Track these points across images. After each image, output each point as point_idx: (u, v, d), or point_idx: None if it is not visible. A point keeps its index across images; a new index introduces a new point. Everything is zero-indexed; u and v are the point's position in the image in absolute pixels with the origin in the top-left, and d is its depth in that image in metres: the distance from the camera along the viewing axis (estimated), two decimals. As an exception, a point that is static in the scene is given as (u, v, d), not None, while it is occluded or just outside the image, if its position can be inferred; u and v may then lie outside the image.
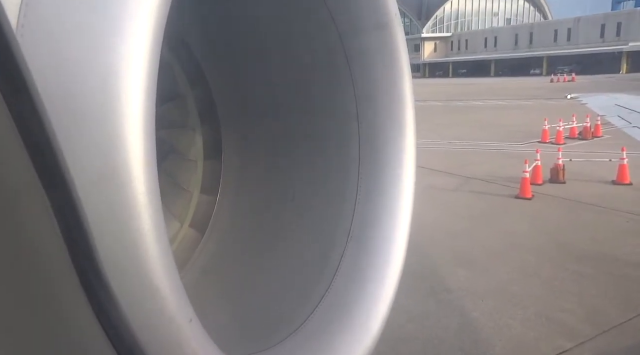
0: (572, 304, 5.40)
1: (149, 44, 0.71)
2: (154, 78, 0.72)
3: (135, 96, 0.68)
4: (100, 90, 0.67)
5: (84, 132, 0.66)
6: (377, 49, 1.48)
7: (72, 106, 0.67)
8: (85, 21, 0.70)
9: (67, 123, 0.66)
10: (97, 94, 0.67)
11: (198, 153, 1.88)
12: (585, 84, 45.31)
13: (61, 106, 0.67)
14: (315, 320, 1.25)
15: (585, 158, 12.65)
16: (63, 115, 0.66)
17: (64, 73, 0.69)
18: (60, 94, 0.68)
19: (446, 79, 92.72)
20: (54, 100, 0.67)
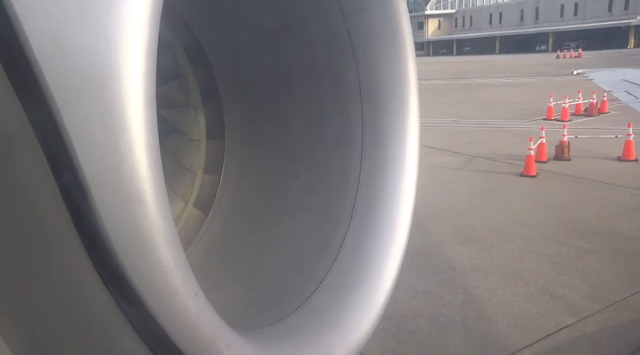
0: (575, 280, 5.44)
1: (147, 20, 0.70)
2: (153, 55, 0.72)
3: (134, 73, 0.68)
4: (98, 68, 0.67)
5: (84, 112, 0.66)
6: (380, 25, 1.46)
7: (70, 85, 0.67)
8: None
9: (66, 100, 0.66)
10: (94, 72, 0.67)
11: (201, 133, 1.88)
12: (592, 60, 44.63)
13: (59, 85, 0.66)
14: (319, 296, 1.27)
15: (591, 135, 12.55)
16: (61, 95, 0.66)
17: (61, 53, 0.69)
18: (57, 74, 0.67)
19: (450, 56, 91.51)
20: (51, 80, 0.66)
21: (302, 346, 1.08)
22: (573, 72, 30.55)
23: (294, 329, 1.13)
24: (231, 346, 0.79)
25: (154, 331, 0.67)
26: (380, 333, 4.45)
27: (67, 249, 0.63)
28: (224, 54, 1.86)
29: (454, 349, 4.30)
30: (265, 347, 0.97)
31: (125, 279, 0.64)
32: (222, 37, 1.83)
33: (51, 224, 0.64)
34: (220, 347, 0.77)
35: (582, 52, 58.09)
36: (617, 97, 17.71)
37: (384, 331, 4.48)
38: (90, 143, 0.64)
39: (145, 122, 0.66)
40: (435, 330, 4.60)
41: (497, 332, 4.53)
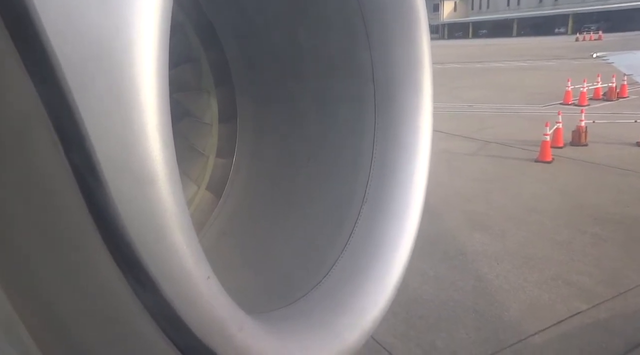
0: (590, 267, 5.39)
1: (159, 2, 0.70)
2: (165, 38, 0.71)
3: (146, 56, 0.67)
4: (110, 51, 0.67)
5: (96, 95, 0.66)
6: (394, 8, 1.43)
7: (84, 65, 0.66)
8: None
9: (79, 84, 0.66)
10: (107, 54, 0.67)
11: (213, 116, 1.88)
12: (613, 42, 43.46)
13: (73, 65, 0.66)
14: (330, 280, 1.27)
15: (609, 120, 12.29)
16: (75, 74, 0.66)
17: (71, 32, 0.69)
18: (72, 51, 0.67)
19: (466, 40, 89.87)
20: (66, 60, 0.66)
21: (314, 329, 1.09)
22: (592, 55, 29.81)
23: (305, 312, 1.14)
24: (243, 328, 0.80)
25: (167, 313, 0.68)
26: (391, 318, 4.48)
27: (80, 232, 0.64)
28: (236, 36, 1.85)
29: (465, 334, 4.32)
30: (277, 330, 0.98)
31: (138, 262, 0.64)
32: (235, 19, 1.82)
33: (64, 207, 0.64)
34: (233, 330, 0.77)
35: (603, 34, 56.60)
36: (638, 81, 17.26)
37: (394, 316, 4.51)
38: (103, 126, 0.65)
39: (158, 106, 0.66)
40: (445, 316, 4.62)
41: (509, 318, 4.53)
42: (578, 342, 4.13)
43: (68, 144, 0.61)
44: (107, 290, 0.68)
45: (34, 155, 0.63)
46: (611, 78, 16.27)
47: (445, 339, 4.26)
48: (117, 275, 0.65)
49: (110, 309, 0.71)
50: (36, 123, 0.60)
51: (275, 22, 1.72)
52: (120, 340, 0.74)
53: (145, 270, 0.64)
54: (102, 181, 0.62)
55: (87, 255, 0.65)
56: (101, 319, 0.72)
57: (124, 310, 0.70)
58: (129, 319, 0.70)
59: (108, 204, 0.63)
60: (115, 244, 0.64)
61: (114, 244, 0.64)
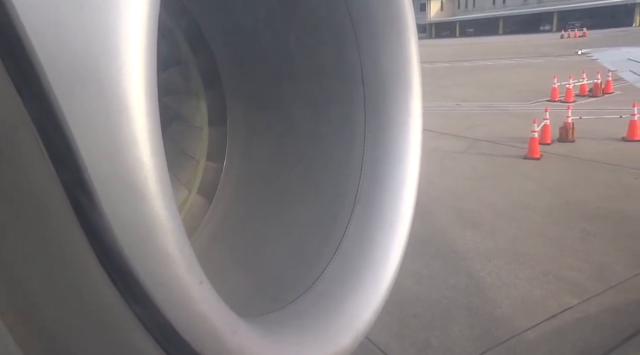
0: (579, 262, 5.46)
1: (146, 6, 0.69)
2: (153, 42, 0.71)
3: (134, 61, 0.67)
4: (98, 55, 0.66)
5: (84, 101, 0.65)
6: (382, 9, 1.44)
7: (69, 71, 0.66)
8: None
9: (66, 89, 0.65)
10: (95, 59, 0.66)
11: (203, 120, 1.87)
12: (597, 39, 44.03)
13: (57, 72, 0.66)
14: (323, 282, 1.27)
15: (595, 115, 12.46)
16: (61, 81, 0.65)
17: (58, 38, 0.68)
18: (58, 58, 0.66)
19: (453, 39, 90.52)
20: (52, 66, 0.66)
21: (307, 331, 1.08)
22: (577, 52, 30.17)
23: (298, 315, 1.14)
24: (237, 332, 0.80)
25: (159, 319, 0.67)
26: (385, 317, 4.49)
27: (70, 240, 0.63)
28: (225, 39, 1.84)
29: (459, 332, 4.34)
30: (271, 333, 0.98)
31: (129, 268, 0.64)
32: (223, 22, 1.81)
33: (53, 214, 0.64)
34: (226, 334, 0.77)
35: (587, 31, 57.32)
36: (622, 77, 17.51)
37: (388, 315, 4.52)
38: (91, 132, 0.64)
39: (147, 111, 0.66)
40: (439, 314, 4.64)
41: (502, 314, 4.56)
42: (570, 337, 4.18)
43: (55, 151, 0.61)
44: (97, 296, 0.68)
45: (21, 161, 0.62)
46: (596, 74, 16.49)
47: (439, 337, 4.28)
48: (107, 281, 0.65)
49: (100, 315, 0.70)
50: (22, 132, 0.59)
51: (264, 24, 1.72)
52: (111, 347, 0.73)
53: (136, 276, 0.63)
54: (91, 188, 0.61)
55: (77, 264, 0.64)
56: (91, 326, 0.72)
57: (114, 316, 0.69)
58: (120, 325, 0.69)
59: (97, 211, 0.62)
60: (105, 250, 0.63)
61: (104, 250, 0.63)
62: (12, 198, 0.64)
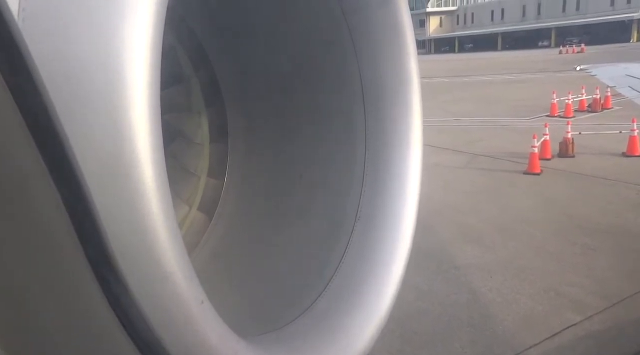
0: (581, 278, 5.42)
1: (150, 28, 0.70)
2: (156, 62, 0.72)
3: (139, 80, 0.68)
4: (103, 75, 0.67)
5: (89, 118, 0.66)
6: (381, 25, 1.46)
7: (75, 91, 0.67)
8: (87, 5, 0.69)
9: (71, 108, 0.66)
10: (100, 79, 0.67)
11: (204, 136, 1.88)
12: (595, 55, 44.43)
13: (64, 91, 0.66)
14: (325, 300, 1.26)
15: (595, 131, 12.50)
16: (66, 100, 0.66)
17: (66, 59, 0.69)
18: (63, 79, 0.67)
19: (452, 54, 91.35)
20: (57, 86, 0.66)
21: (308, 352, 1.07)
22: (576, 68, 30.40)
23: (299, 334, 1.13)
24: (238, 353, 0.79)
25: (159, 341, 0.67)
26: (386, 334, 4.44)
27: (68, 256, 0.63)
28: (227, 57, 1.86)
29: (461, 349, 4.29)
30: (271, 353, 0.97)
31: (128, 288, 0.63)
32: (225, 40, 1.83)
33: (52, 231, 0.63)
34: None
35: (585, 47, 57.83)
36: (621, 93, 17.59)
37: (390, 332, 4.47)
38: (94, 150, 0.64)
39: (150, 131, 0.66)
40: (441, 330, 4.59)
41: (504, 331, 4.51)
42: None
43: (56, 166, 0.60)
44: (96, 317, 0.67)
45: (21, 179, 0.61)
46: (595, 90, 16.58)
47: (441, 354, 4.23)
48: (104, 300, 0.64)
49: (98, 335, 0.69)
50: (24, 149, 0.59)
51: (264, 42, 1.74)
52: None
53: (136, 295, 0.63)
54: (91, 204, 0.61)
55: (75, 282, 0.64)
56: (88, 345, 0.71)
57: (112, 336, 0.68)
58: (118, 345, 0.68)
59: (98, 228, 0.62)
60: (104, 269, 0.63)
61: (102, 268, 0.63)
62: (10, 214, 0.64)
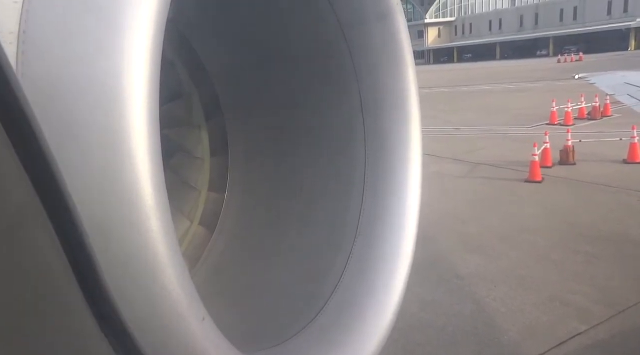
0: (585, 286, 5.38)
1: (149, 45, 0.71)
2: (156, 78, 0.73)
3: (137, 96, 0.68)
4: (103, 92, 0.68)
5: (88, 133, 0.66)
6: (379, 39, 1.47)
7: (76, 107, 0.67)
8: (86, 24, 0.70)
9: (72, 124, 0.66)
10: (99, 96, 0.68)
11: (204, 150, 1.89)
12: (593, 63, 44.63)
13: (65, 107, 0.67)
14: (326, 314, 1.26)
15: (595, 138, 12.50)
16: (67, 116, 0.67)
17: (66, 77, 0.70)
18: (64, 95, 0.68)
19: (451, 64, 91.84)
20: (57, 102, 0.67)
21: (310, 366, 1.06)
22: (574, 76, 30.51)
23: (301, 350, 1.12)
24: (239, 370, 0.79)
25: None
26: (390, 345, 4.40)
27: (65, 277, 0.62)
28: (226, 71, 1.88)
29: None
30: (274, 369, 0.96)
31: (129, 306, 0.63)
32: (224, 55, 1.85)
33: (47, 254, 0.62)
34: (228, 371, 0.76)
35: (583, 55, 58.12)
36: (620, 100, 17.60)
37: (393, 343, 4.43)
38: (93, 166, 0.65)
39: (148, 147, 0.67)
40: (445, 341, 4.55)
41: (509, 341, 4.47)
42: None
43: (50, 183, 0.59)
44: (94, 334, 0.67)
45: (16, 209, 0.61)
46: (594, 98, 16.62)
47: (445, 366, 4.19)
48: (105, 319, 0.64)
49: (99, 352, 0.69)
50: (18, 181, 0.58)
51: (263, 56, 1.75)
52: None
53: (137, 317, 0.63)
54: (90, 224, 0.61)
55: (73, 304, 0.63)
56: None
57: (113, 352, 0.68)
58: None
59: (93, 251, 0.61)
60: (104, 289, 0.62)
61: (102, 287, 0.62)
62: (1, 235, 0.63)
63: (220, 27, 1.75)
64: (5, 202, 0.54)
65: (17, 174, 0.53)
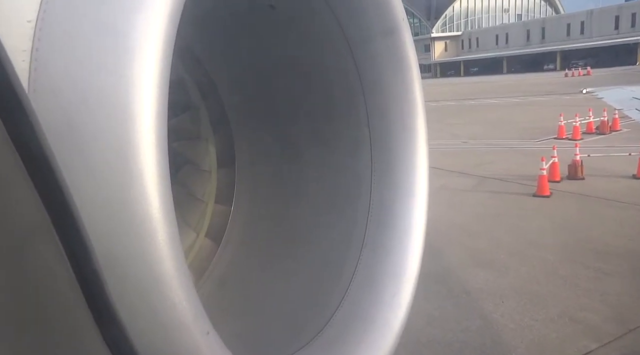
0: (596, 303, 5.29)
1: (158, 61, 0.72)
2: (164, 94, 0.74)
3: (146, 113, 0.69)
4: (112, 108, 0.69)
5: (97, 147, 0.67)
6: (386, 54, 1.48)
7: (85, 123, 0.68)
8: (97, 42, 0.72)
9: (80, 138, 0.67)
10: (108, 111, 0.69)
11: (212, 163, 1.90)
12: (601, 78, 44.52)
13: (74, 122, 0.68)
14: (331, 328, 1.25)
15: (604, 153, 12.41)
16: (76, 131, 0.68)
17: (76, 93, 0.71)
18: (74, 111, 0.69)
19: (458, 78, 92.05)
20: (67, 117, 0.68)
21: (316, 381, 1.05)
22: (582, 91, 30.38)
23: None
24: (243, 384, 0.78)
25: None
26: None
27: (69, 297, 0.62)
28: (233, 85, 1.90)
29: (473, 377, 4.17)
30: (278, 383, 0.95)
31: (134, 318, 0.63)
32: (231, 69, 1.87)
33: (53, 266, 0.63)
34: (233, 386, 0.75)
35: (591, 69, 58.02)
36: (628, 115, 17.49)
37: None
38: (99, 180, 0.65)
39: (157, 158, 0.67)
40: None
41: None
42: (590, 383, 3.99)
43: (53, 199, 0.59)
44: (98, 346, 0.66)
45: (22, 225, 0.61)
46: (602, 112, 16.54)
47: (452, 383, 4.12)
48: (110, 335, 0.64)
49: None
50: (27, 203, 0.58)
51: (270, 71, 1.77)
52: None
53: (142, 331, 0.63)
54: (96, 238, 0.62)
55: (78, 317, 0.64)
56: None
57: None
58: None
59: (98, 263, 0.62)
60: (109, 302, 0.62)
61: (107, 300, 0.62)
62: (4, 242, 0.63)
63: (228, 41, 1.78)
64: (13, 214, 0.55)
65: (26, 188, 0.54)
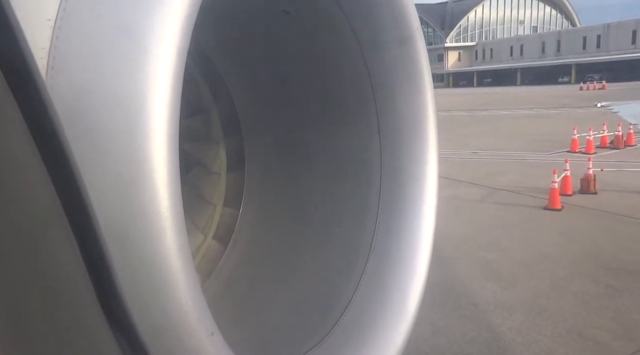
0: (605, 319, 5.20)
1: (173, 64, 0.73)
2: (177, 96, 0.75)
3: (159, 113, 0.70)
4: (126, 106, 0.70)
5: (110, 145, 0.68)
6: (398, 63, 1.49)
7: (100, 120, 0.69)
8: (114, 43, 0.73)
9: (95, 135, 0.68)
10: (123, 109, 0.70)
11: (222, 165, 1.91)
12: (616, 92, 44.04)
13: (89, 120, 0.69)
14: (337, 333, 1.24)
15: (618, 168, 12.24)
16: (91, 128, 0.69)
17: (92, 91, 0.72)
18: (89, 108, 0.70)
19: (471, 88, 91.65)
20: (83, 114, 0.69)
21: (319, 387, 1.05)
22: (597, 105, 30.10)
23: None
24: (246, 386, 0.78)
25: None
26: (401, 371, 4.29)
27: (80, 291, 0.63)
28: (246, 90, 1.91)
29: (478, 390, 4.12)
30: (281, 388, 0.95)
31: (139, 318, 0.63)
32: (245, 74, 1.88)
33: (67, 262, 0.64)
34: (235, 388, 0.75)
35: (607, 83, 57.41)
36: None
37: (404, 369, 4.33)
38: (110, 179, 0.66)
39: (167, 163, 0.68)
40: (457, 370, 4.43)
41: (524, 374, 4.33)
42: (598, 401, 3.91)
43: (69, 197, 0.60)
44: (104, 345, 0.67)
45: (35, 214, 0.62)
46: (617, 127, 16.35)
47: (457, 396, 4.07)
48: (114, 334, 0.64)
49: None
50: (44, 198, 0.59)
51: (282, 76, 1.78)
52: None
53: (146, 331, 0.63)
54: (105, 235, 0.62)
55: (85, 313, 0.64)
56: None
57: None
58: None
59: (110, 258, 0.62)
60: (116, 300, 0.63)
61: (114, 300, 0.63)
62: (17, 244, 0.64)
63: (242, 47, 1.79)
64: (30, 208, 0.56)
65: (43, 182, 0.55)
